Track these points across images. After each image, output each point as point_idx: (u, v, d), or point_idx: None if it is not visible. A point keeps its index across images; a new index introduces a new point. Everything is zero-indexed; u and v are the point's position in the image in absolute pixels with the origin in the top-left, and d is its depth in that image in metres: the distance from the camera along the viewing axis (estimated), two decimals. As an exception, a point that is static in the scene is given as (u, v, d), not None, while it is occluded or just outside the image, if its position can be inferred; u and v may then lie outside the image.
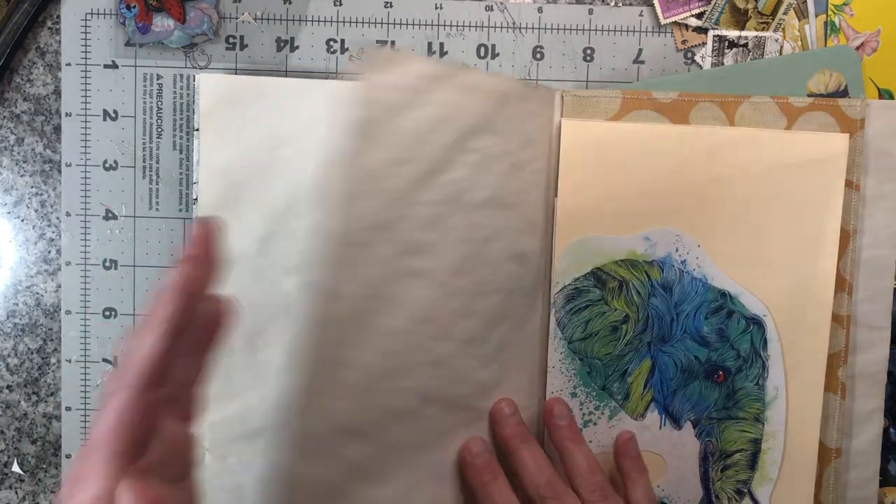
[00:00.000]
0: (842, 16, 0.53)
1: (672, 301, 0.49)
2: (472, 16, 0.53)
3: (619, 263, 0.49)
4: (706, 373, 0.49)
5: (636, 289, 0.49)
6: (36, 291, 0.55)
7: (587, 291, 0.49)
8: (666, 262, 0.49)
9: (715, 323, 0.49)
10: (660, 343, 0.49)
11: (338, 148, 0.41)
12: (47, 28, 0.54)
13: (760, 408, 0.49)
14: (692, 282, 0.49)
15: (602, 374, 0.49)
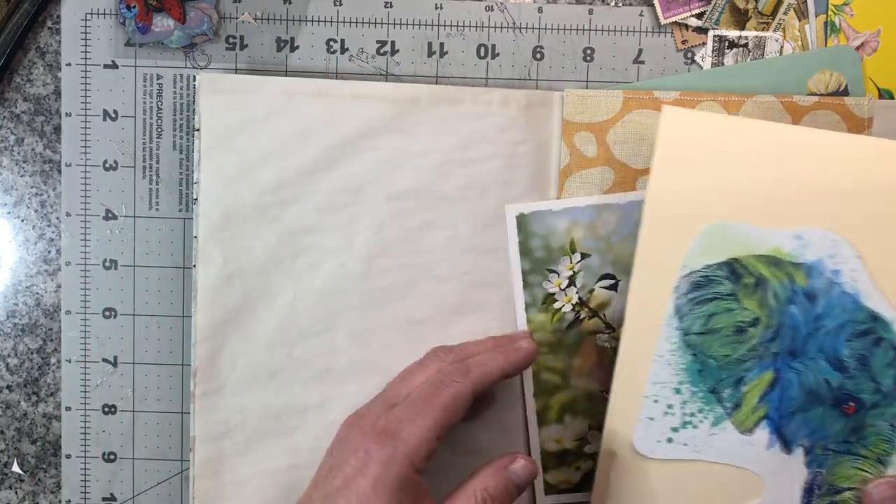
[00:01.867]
0: (842, 16, 0.53)
1: (813, 313, 0.43)
2: (472, 16, 0.53)
3: (759, 258, 0.43)
4: (835, 400, 0.43)
5: (774, 290, 0.43)
6: (36, 291, 0.55)
7: (717, 282, 0.43)
8: (815, 267, 0.43)
9: (858, 347, 0.43)
10: (788, 356, 0.43)
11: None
12: (47, 28, 0.54)
13: (888, 449, 0.43)
14: (841, 296, 0.43)
15: (714, 376, 0.44)
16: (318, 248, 0.52)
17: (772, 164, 0.43)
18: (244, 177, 0.51)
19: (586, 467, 0.53)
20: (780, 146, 0.42)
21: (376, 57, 0.53)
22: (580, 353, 0.52)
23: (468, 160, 0.52)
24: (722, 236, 0.43)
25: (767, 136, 0.43)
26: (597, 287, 0.52)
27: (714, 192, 0.43)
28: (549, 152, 0.52)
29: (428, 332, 0.52)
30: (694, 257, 0.44)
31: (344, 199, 0.52)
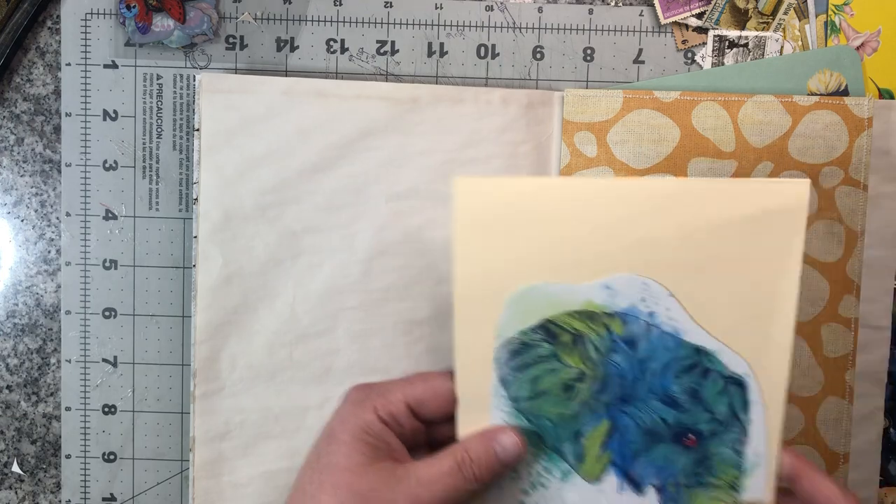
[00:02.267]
0: (842, 16, 0.53)
1: (636, 358, 0.43)
2: (472, 16, 0.53)
3: (573, 315, 0.43)
4: (674, 436, 0.43)
5: (594, 343, 0.43)
6: (36, 291, 0.55)
7: (535, 346, 0.43)
8: (630, 313, 0.42)
9: (687, 382, 0.42)
10: (620, 403, 0.43)
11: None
12: (47, 28, 0.54)
13: (737, 475, 0.43)
14: (662, 336, 0.42)
15: (552, 435, 0.43)
16: (318, 248, 0.52)
17: (571, 219, 0.42)
18: (244, 177, 0.51)
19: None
20: (577, 201, 0.42)
21: (376, 57, 0.53)
22: (580, 353, 0.52)
23: (468, 160, 0.52)
24: (532, 300, 0.43)
25: (563, 193, 0.42)
26: (597, 287, 0.52)
27: (518, 255, 0.42)
28: (549, 152, 0.52)
29: (428, 333, 0.52)
30: (507, 325, 0.43)
31: (344, 199, 0.52)
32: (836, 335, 0.52)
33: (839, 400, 0.52)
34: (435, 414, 0.43)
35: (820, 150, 0.52)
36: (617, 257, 0.42)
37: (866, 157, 0.51)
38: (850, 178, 0.52)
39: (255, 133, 0.51)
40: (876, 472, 0.53)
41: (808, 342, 0.52)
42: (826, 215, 0.52)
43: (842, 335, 0.52)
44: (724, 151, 0.52)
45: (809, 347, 0.52)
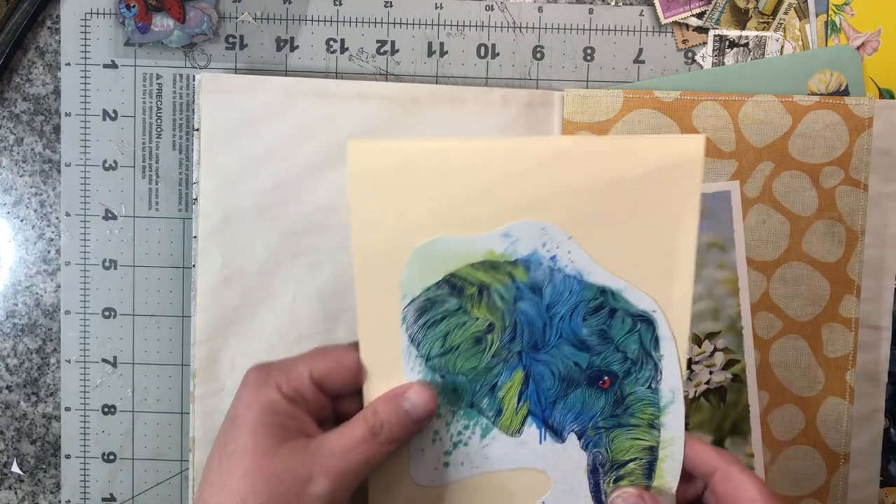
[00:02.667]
0: (842, 15, 0.53)
1: (543, 304, 0.42)
2: (472, 15, 0.53)
3: (476, 266, 0.42)
4: (589, 379, 0.43)
5: (499, 293, 0.42)
6: (35, 291, 0.54)
7: (442, 301, 0.42)
8: (532, 259, 0.42)
9: (595, 324, 0.42)
10: (532, 351, 0.43)
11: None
12: (47, 28, 0.54)
13: (655, 413, 0.43)
14: (565, 280, 0.42)
15: (469, 391, 0.43)
16: (318, 248, 0.52)
17: (467, 177, 0.42)
18: (244, 177, 0.51)
19: (586, 467, 0.52)
20: (473, 160, 0.42)
21: (376, 57, 0.53)
22: (580, 353, 0.52)
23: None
24: (433, 255, 0.42)
25: (459, 153, 0.42)
26: (597, 287, 0.52)
27: (416, 215, 0.42)
28: (549, 152, 0.52)
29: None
30: (411, 284, 0.42)
31: (344, 199, 0.52)
32: (836, 335, 0.52)
33: (839, 400, 0.52)
34: (341, 386, 0.42)
35: (820, 150, 0.52)
36: (516, 209, 0.42)
37: (866, 156, 0.51)
38: (850, 177, 0.52)
39: (255, 133, 0.51)
40: (876, 472, 0.53)
41: (808, 342, 0.52)
42: (826, 215, 0.52)
43: (842, 335, 0.52)
44: (724, 151, 0.52)
45: (809, 347, 0.52)
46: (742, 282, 0.52)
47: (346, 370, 0.42)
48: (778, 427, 0.53)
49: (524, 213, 0.42)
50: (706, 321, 0.52)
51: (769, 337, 0.52)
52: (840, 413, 0.52)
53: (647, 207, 0.41)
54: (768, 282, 0.52)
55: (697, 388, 0.52)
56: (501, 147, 0.41)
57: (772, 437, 0.53)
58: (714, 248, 0.52)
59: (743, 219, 0.52)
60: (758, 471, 0.52)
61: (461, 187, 0.42)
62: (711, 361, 0.52)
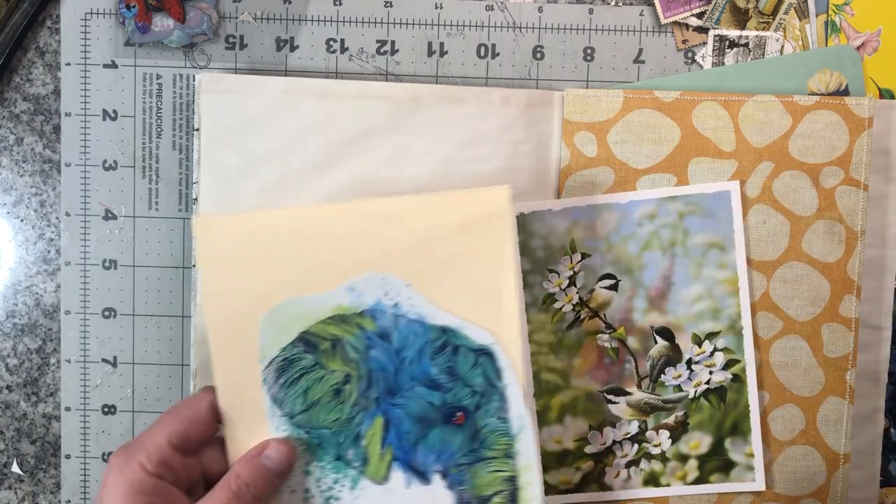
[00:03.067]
0: (842, 15, 0.53)
1: (392, 349, 0.45)
2: (472, 15, 0.53)
3: (327, 322, 0.45)
4: (444, 417, 0.45)
5: (351, 344, 0.45)
6: (35, 291, 0.54)
7: (299, 359, 0.45)
8: (377, 309, 0.45)
9: (442, 362, 0.45)
10: (389, 396, 0.45)
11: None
12: (47, 28, 0.54)
13: (509, 442, 0.45)
14: (409, 324, 0.45)
15: (333, 443, 0.45)
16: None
17: (307, 241, 0.45)
18: (244, 177, 0.51)
19: (586, 467, 0.53)
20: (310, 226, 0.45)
21: (376, 57, 0.53)
22: (580, 353, 0.52)
23: (468, 160, 0.51)
24: (284, 316, 0.45)
25: (297, 221, 0.45)
26: (597, 287, 0.52)
27: (264, 280, 0.45)
28: (549, 152, 0.52)
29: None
30: (267, 346, 0.45)
31: (344, 199, 0.52)
32: (836, 335, 0.52)
33: (839, 400, 0.52)
34: (201, 440, 0.44)
35: (820, 150, 0.52)
36: (358, 265, 0.45)
37: (866, 156, 0.51)
38: (850, 177, 0.52)
39: (255, 133, 0.51)
40: (876, 472, 0.53)
41: (808, 342, 0.52)
42: (826, 215, 0.52)
43: (842, 335, 0.52)
44: (724, 151, 0.52)
45: (809, 347, 0.52)
46: (742, 282, 0.52)
47: (202, 424, 0.44)
48: (778, 427, 0.53)
49: (365, 268, 0.45)
50: (706, 321, 0.52)
51: (769, 337, 0.52)
52: (840, 413, 0.52)
53: (470, 253, 0.45)
54: (768, 282, 0.52)
55: (697, 388, 0.52)
56: (337, 211, 0.45)
57: (772, 437, 0.53)
58: (714, 248, 0.52)
59: (743, 219, 0.52)
60: (758, 471, 0.52)
61: (304, 251, 0.45)
62: (711, 361, 0.52)
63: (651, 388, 0.52)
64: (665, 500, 0.53)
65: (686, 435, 0.52)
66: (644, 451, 0.53)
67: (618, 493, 0.53)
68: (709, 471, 0.53)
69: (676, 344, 0.52)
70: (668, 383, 0.52)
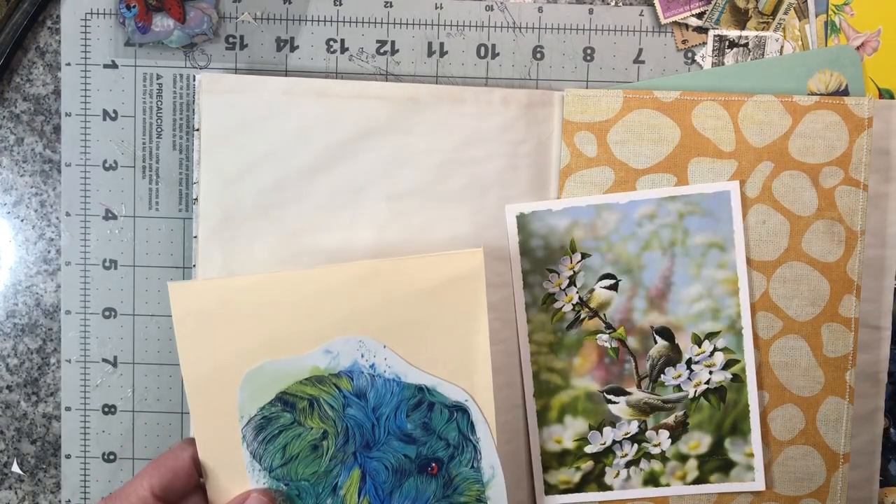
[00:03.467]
0: (842, 16, 0.53)
1: (369, 407, 0.47)
2: (472, 16, 0.53)
3: (304, 382, 0.47)
4: (419, 468, 0.48)
5: (328, 403, 0.47)
6: (36, 291, 0.54)
7: (277, 417, 0.47)
8: (354, 370, 0.47)
9: (418, 418, 0.47)
10: (365, 450, 0.47)
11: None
12: (47, 28, 0.54)
13: (480, 489, 0.48)
14: (385, 383, 0.47)
15: (312, 494, 0.47)
16: (318, 248, 0.52)
17: (282, 305, 0.46)
18: (244, 177, 0.51)
19: (586, 467, 0.53)
20: (283, 290, 0.46)
21: (376, 57, 0.53)
22: (580, 353, 0.52)
23: (468, 160, 0.52)
24: (262, 378, 0.47)
25: (271, 285, 0.46)
26: (597, 287, 0.52)
27: (241, 344, 0.47)
28: (549, 152, 0.52)
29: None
30: (246, 405, 0.47)
31: (344, 199, 0.52)
32: (836, 335, 0.52)
33: (839, 400, 0.52)
34: (184, 491, 0.46)
35: (820, 150, 0.52)
36: (333, 328, 0.47)
37: (866, 156, 0.51)
38: (850, 177, 0.52)
39: (255, 133, 0.51)
40: (876, 472, 0.53)
41: (808, 342, 0.52)
42: (826, 215, 0.52)
43: (842, 335, 0.52)
44: (724, 151, 0.52)
45: (809, 347, 0.52)
46: (742, 282, 0.52)
47: (184, 475, 0.46)
48: (778, 427, 0.53)
49: (341, 330, 0.47)
50: (706, 321, 0.52)
51: (769, 337, 0.52)
52: (840, 413, 0.52)
53: (443, 314, 0.47)
54: (768, 282, 0.52)
55: (697, 388, 0.52)
56: (311, 276, 0.47)
57: (772, 437, 0.53)
58: (714, 248, 0.52)
59: (743, 219, 0.52)
60: (757, 470, 0.52)
61: (280, 315, 0.47)
62: (711, 361, 0.52)
63: (651, 387, 0.52)
64: (665, 500, 0.53)
65: (686, 435, 0.52)
66: (644, 450, 0.53)
67: (618, 492, 0.53)
68: (708, 471, 0.53)
69: (676, 344, 0.52)
70: (668, 383, 0.52)
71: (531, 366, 0.52)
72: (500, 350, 0.52)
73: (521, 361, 0.52)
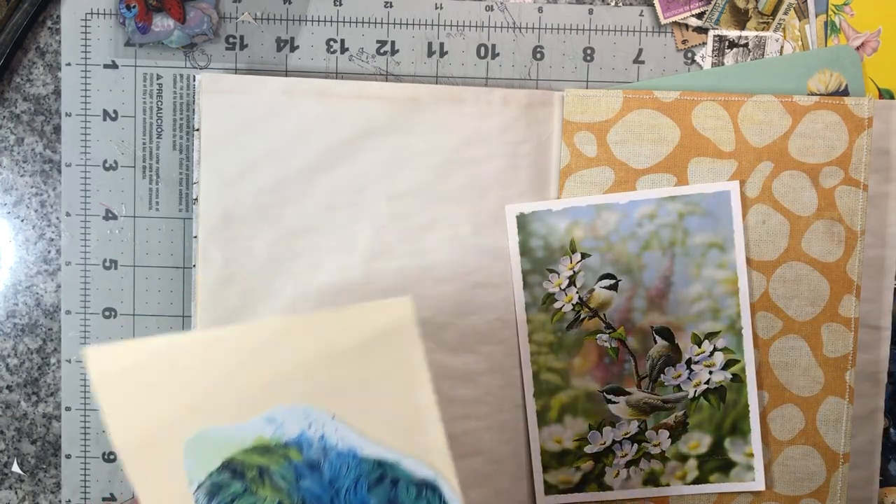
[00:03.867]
0: (842, 16, 0.53)
1: (325, 480, 0.43)
2: (472, 16, 0.53)
3: (249, 451, 0.43)
4: None
5: (280, 474, 0.43)
6: (36, 291, 0.55)
7: (227, 485, 0.43)
8: (302, 440, 0.43)
9: (382, 494, 0.43)
10: None
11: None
12: (47, 28, 0.54)
13: None
14: (340, 456, 0.43)
15: None
16: (318, 248, 0.52)
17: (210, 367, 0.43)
18: (244, 177, 0.51)
19: (586, 467, 0.53)
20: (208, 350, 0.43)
21: (376, 57, 0.53)
22: (580, 353, 0.52)
23: (468, 160, 0.52)
24: (205, 444, 0.43)
25: (194, 345, 0.43)
26: (597, 287, 0.52)
27: (172, 408, 0.43)
28: (549, 152, 0.52)
29: (428, 333, 0.52)
30: (194, 471, 0.43)
31: (344, 199, 0.52)
32: (836, 335, 0.52)
33: (839, 400, 0.52)
34: None
35: (820, 150, 0.52)
36: (268, 393, 0.43)
37: (866, 156, 0.51)
38: (850, 177, 0.52)
39: (255, 133, 0.51)
40: (876, 472, 0.53)
41: (808, 342, 0.52)
42: (826, 215, 0.52)
43: (842, 335, 0.52)
44: (724, 151, 0.52)
45: (809, 347, 0.52)
46: (742, 282, 0.52)
47: None
48: (778, 427, 0.53)
49: (277, 396, 0.42)
50: (706, 321, 0.52)
51: (769, 337, 0.52)
52: (839, 413, 0.52)
53: (380, 373, 0.42)
54: (768, 282, 0.52)
55: (697, 388, 0.52)
56: (223, 336, 0.42)
57: (771, 437, 0.53)
58: (714, 248, 0.52)
59: (743, 219, 0.52)
60: (757, 471, 0.52)
61: (204, 378, 0.42)
62: (711, 361, 0.52)
63: (651, 387, 0.52)
64: (665, 500, 0.53)
65: (686, 435, 0.53)
66: (644, 450, 0.53)
67: (618, 492, 0.53)
68: (708, 470, 0.53)
69: (676, 344, 0.52)
70: (668, 383, 0.52)
71: (531, 366, 0.52)
72: (500, 350, 0.52)
73: (521, 361, 0.52)
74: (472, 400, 0.52)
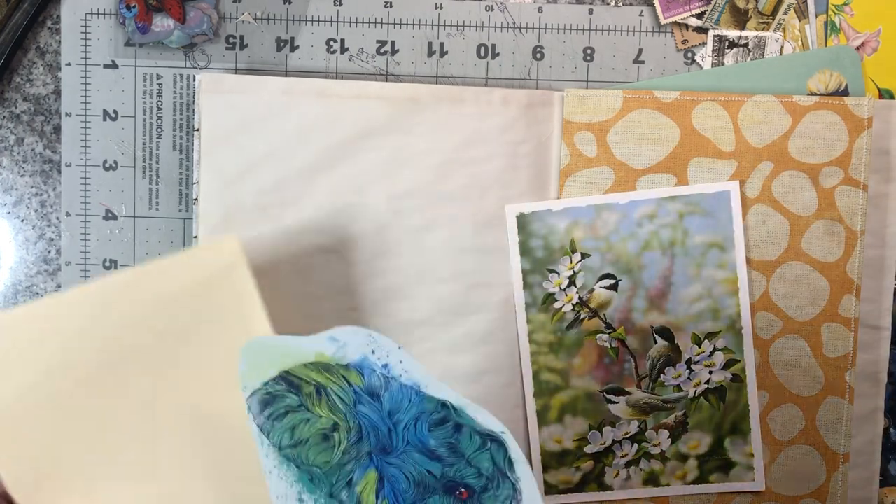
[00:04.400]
0: (842, 16, 0.53)
1: (384, 410, 0.41)
2: (472, 16, 0.53)
3: (308, 367, 0.42)
4: (445, 488, 0.41)
5: (337, 394, 0.41)
6: (36, 291, 0.55)
7: (282, 396, 0.42)
8: (364, 365, 0.41)
9: (443, 436, 0.41)
10: (382, 454, 0.42)
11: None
12: (47, 28, 0.54)
13: None
14: (402, 389, 0.41)
15: (326, 482, 0.42)
16: (318, 248, 0.52)
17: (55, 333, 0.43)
18: (244, 177, 0.51)
19: (586, 467, 0.53)
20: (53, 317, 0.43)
21: (376, 57, 0.53)
22: (580, 353, 0.52)
23: (468, 160, 0.52)
24: (263, 353, 0.42)
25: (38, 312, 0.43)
26: (597, 287, 0.52)
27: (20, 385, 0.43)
28: (549, 152, 0.52)
29: (428, 333, 0.52)
30: (248, 377, 0.42)
31: (344, 199, 0.52)
32: (836, 335, 0.52)
33: (839, 400, 0.52)
34: None
35: (820, 150, 0.52)
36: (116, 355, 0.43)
37: (866, 156, 0.51)
38: (850, 177, 0.52)
39: (255, 133, 0.51)
40: (876, 472, 0.53)
41: (807, 342, 0.52)
42: (826, 215, 0.52)
43: (842, 335, 0.52)
44: (724, 151, 0.52)
45: (809, 347, 0.52)
46: (742, 282, 0.52)
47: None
48: (778, 427, 0.53)
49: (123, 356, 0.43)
50: (706, 321, 0.52)
51: (769, 337, 0.52)
52: (840, 413, 0.52)
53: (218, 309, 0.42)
54: (768, 282, 0.52)
55: (697, 388, 0.52)
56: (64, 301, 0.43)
57: (771, 437, 0.53)
58: (714, 248, 0.52)
59: (743, 219, 0.52)
60: (757, 471, 0.52)
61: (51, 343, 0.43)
62: (711, 361, 0.52)
63: (651, 387, 0.52)
64: (665, 500, 0.53)
65: (686, 435, 0.53)
66: (644, 450, 0.53)
67: (617, 492, 0.53)
68: (708, 470, 0.53)
69: (676, 344, 0.52)
70: (668, 383, 0.52)
71: (531, 366, 0.52)
72: (500, 350, 0.52)
73: (521, 361, 0.52)
74: (472, 400, 0.52)
